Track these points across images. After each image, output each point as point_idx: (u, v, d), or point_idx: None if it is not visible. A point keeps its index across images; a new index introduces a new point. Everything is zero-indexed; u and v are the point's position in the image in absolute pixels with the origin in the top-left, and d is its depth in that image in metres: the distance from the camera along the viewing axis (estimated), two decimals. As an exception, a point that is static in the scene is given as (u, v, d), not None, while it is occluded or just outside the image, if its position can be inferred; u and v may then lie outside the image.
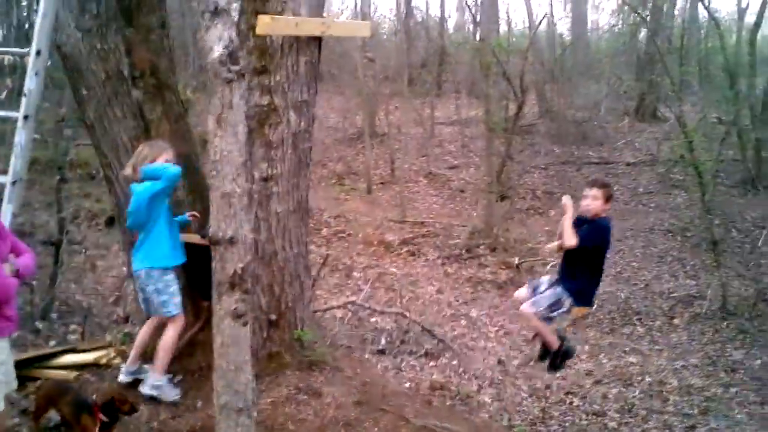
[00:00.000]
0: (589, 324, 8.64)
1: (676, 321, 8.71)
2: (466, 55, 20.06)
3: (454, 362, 7.44)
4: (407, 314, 8.36)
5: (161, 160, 5.21)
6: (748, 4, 21.70)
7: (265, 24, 4.96)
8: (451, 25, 28.79)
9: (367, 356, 7.34)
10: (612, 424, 6.28)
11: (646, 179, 15.39)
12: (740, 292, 9.34)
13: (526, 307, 5.57)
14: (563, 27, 26.60)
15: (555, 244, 5.64)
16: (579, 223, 5.45)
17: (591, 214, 5.47)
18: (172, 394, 5.36)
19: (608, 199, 5.53)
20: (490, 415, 6.34)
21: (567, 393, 6.85)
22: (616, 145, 17.32)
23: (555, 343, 5.79)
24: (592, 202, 5.46)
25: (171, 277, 5.30)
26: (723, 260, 9.73)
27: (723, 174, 14.43)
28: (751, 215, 12.85)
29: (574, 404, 6.64)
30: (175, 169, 5.11)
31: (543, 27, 21.93)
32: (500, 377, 7.17)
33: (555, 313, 5.59)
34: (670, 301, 9.34)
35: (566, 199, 5.47)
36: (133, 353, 5.57)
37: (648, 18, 18.83)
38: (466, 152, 17.99)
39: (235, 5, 2.88)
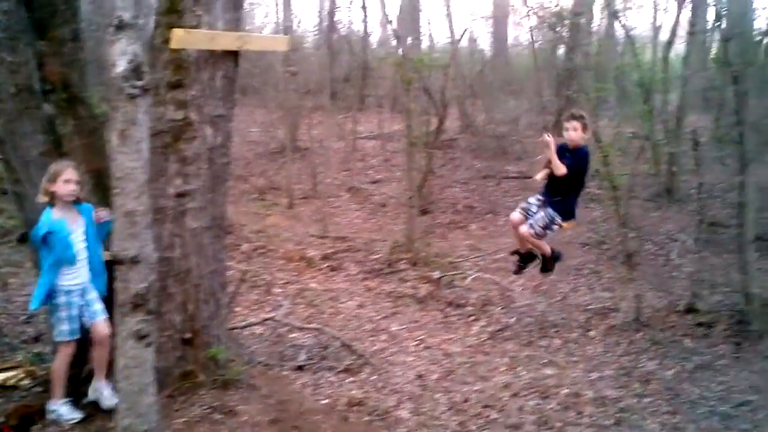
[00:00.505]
0: (508, 337, 8.75)
1: (591, 333, 8.86)
2: (389, 70, 20.14)
3: (374, 377, 7.42)
4: (327, 329, 8.33)
5: (60, 180, 5.15)
6: (662, 23, 22.20)
7: (179, 38, 4.90)
8: (374, 39, 28.91)
9: (285, 373, 7.27)
10: (528, 437, 6.35)
11: (563, 193, 15.58)
12: (653, 303, 9.57)
13: (525, 229, 6.53)
14: (484, 43, 26.98)
15: (542, 173, 6.42)
16: (560, 151, 6.19)
17: (573, 144, 6.25)
18: (69, 417, 5.28)
19: (585, 128, 6.32)
20: (408, 430, 6.34)
21: (485, 406, 6.89)
22: (534, 159, 17.56)
23: (548, 250, 6.81)
24: (573, 133, 6.25)
25: (60, 303, 5.30)
26: (637, 272, 9.97)
27: (638, 188, 14.78)
28: (665, 228, 13.20)
29: (492, 417, 6.68)
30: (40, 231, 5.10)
31: (465, 43, 22.20)
32: (419, 392, 7.18)
33: (548, 231, 6.55)
34: (586, 313, 9.51)
35: (547, 136, 6.25)
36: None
37: (566, 34, 19.24)
38: (388, 167, 18.05)
39: (152, 18, 2.82)
